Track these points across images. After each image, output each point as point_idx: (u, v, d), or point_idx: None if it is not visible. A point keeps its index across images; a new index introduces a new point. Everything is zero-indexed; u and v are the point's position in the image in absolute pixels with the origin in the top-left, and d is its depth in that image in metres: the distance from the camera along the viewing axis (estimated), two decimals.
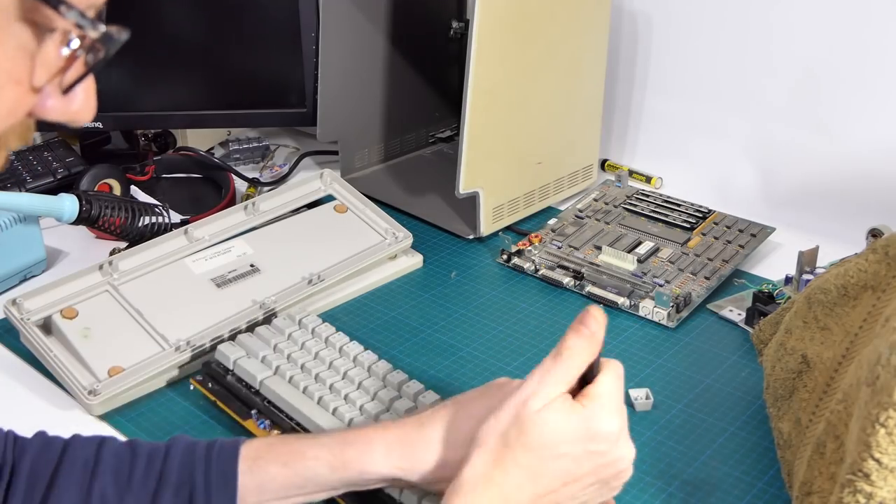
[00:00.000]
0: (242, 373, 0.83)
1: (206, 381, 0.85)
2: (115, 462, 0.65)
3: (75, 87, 0.45)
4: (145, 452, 0.66)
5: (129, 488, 0.64)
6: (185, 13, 1.23)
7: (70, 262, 1.10)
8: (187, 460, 0.65)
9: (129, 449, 0.66)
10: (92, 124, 1.23)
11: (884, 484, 0.56)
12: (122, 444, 0.67)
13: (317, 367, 0.82)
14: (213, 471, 0.64)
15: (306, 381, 0.81)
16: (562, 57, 1.12)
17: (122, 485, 0.64)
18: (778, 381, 0.74)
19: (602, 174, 1.28)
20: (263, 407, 0.80)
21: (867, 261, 0.68)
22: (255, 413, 0.80)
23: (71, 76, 0.44)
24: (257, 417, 0.80)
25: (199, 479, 0.64)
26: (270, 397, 0.81)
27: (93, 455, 0.65)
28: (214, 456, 0.65)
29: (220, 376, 0.84)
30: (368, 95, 1.26)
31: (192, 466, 0.65)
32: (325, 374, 0.81)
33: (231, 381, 0.84)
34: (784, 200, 1.15)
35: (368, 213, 1.07)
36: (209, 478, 0.64)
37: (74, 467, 0.64)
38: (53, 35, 0.42)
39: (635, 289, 0.98)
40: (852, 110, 1.09)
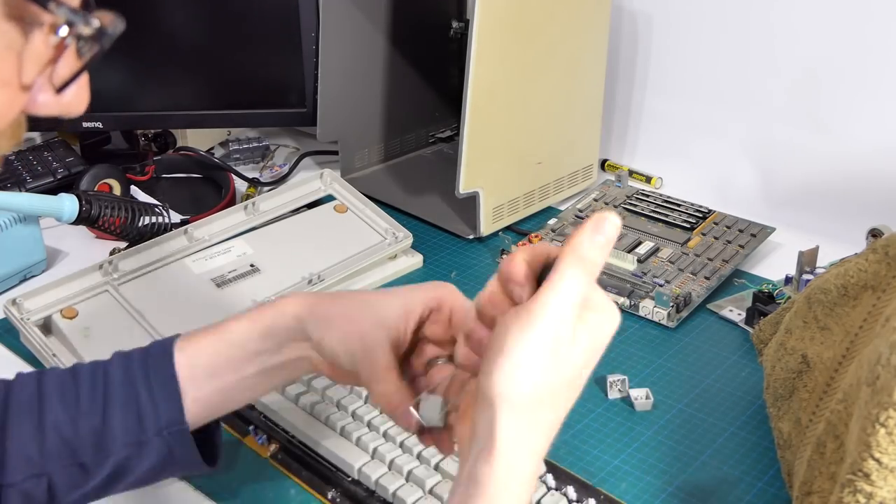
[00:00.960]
0: None
1: None
2: (60, 390, 0.65)
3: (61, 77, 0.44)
4: (87, 374, 0.66)
5: (79, 411, 0.64)
6: (185, 13, 1.23)
7: (70, 262, 1.09)
8: (127, 373, 0.65)
9: (71, 374, 0.66)
10: (92, 124, 1.23)
11: (884, 484, 0.56)
12: (64, 371, 0.67)
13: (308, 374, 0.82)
14: (153, 376, 0.65)
15: (298, 390, 0.80)
16: (562, 57, 1.12)
17: (71, 409, 0.64)
18: (778, 381, 0.74)
19: (602, 174, 1.28)
20: (260, 422, 0.80)
21: (867, 261, 0.68)
22: (253, 429, 0.80)
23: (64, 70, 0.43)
24: (255, 433, 0.80)
25: (143, 389, 0.64)
26: (265, 412, 0.80)
27: (36, 389, 0.65)
28: (151, 360, 0.65)
29: None
30: (368, 95, 1.26)
31: (132, 379, 0.65)
32: (316, 381, 0.81)
33: None
34: (784, 200, 1.15)
35: (368, 213, 1.07)
36: (150, 385, 0.64)
37: (21, 403, 0.64)
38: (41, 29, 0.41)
39: (635, 289, 0.98)
40: (852, 110, 1.09)
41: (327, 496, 0.72)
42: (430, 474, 0.71)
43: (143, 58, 1.22)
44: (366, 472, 0.72)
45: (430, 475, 0.71)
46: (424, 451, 0.73)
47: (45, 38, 0.42)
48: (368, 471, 0.72)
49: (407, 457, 0.73)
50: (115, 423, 0.64)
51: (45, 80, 0.43)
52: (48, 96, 0.44)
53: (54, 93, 0.44)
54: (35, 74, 0.43)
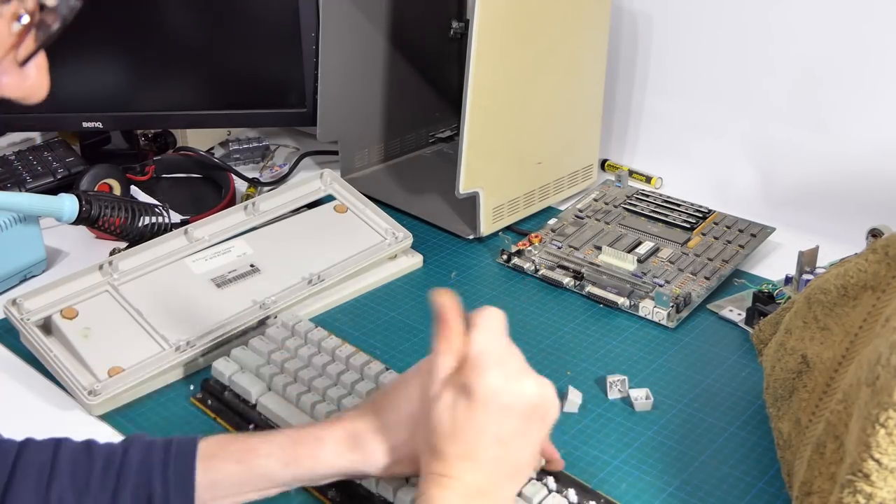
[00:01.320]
0: (238, 389, 0.83)
1: (206, 399, 0.85)
2: (71, 465, 0.65)
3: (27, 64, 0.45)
4: (102, 454, 0.66)
5: (88, 490, 0.64)
6: (185, 13, 1.23)
7: (70, 262, 1.10)
8: (145, 461, 0.65)
9: (86, 451, 0.66)
10: (92, 124, 1.23)
11: (884, 484, 0.56)
12: (79, 445, 0.67)
13: (309, 374, 0.82)
14: (171, 472, 0.64)
15: (298, 390, 0.81)
16: (562, 57, 1.12)
17: (80, 487, 0.64)
18: (778, 381, 0.74)
19: (602, 174, 1.28)
20: (261, 421, 0.80)
21: (867, 261, 0.68)
22: (253, 427, 0.80)
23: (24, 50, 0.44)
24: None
25: (157, 481, 0.64)
26: (266, 413, 0.81)
27: (49, 459, 0.65)
28: (172, 457, 0.65)
29: (219, 393, 0.85)
30: (368, 95, 1.26)
31: (149, 468, 0.65)
32: (317, 381, 0.81)
33: (229, 397, 0.84)
34: (784, 200, 1.15)
35: (368, 213, 1.07)
36: (167, 479, 0.64)
37: (30, 471, 0.64)
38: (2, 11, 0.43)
39: (635, 289, 0.98)
40: (852, 110, 1.09)
41: (327, 495, 0.72)
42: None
43: (143, 58, 1.22)
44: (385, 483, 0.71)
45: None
46: None
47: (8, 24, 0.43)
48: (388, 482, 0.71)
49: None
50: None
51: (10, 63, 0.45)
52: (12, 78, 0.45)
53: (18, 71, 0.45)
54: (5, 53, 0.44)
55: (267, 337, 0.88)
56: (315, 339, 0.86)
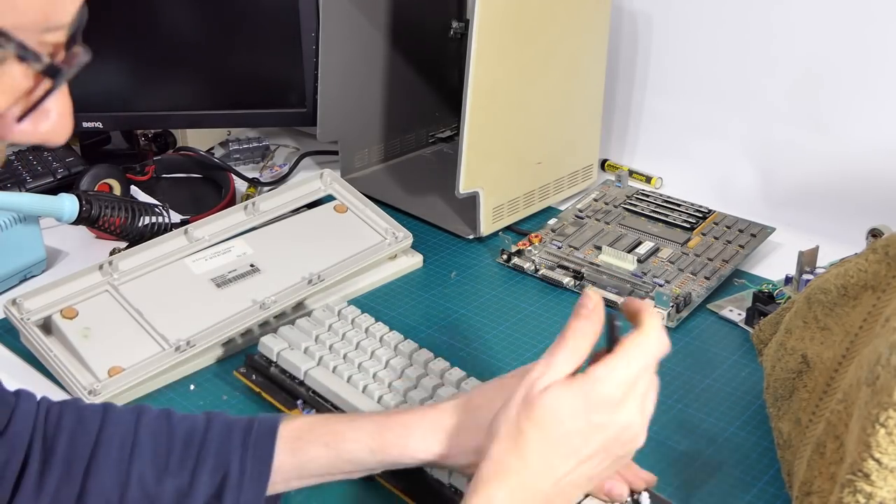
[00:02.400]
0: (286, 364, 0.84)
1: (250, 373, 0.86)
2: (152, 443, 0.66)
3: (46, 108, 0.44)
4: (183, 432, 0.67)
5: (168, 471, 0.65)
6: (185, 13, 1.23)
7: (70, 262, 1.10)
8: (225, 443, 0.66)
9: (167, 427, 0.67)
10: (92, 124, 1.23)
11: (884, 484, 0.56)
12: (160, 421, 0.68)
13: (359, 357, 0.84)
14: (250, 457, 0.66)
15: (350, 371, 0.82)
16: (562, 57, 1.12)
17: (160, 467, 0.65)
18: (778, 381, 0.74)
19: (602, 174, 1.28)
20: (309, 397, 0.82)
21: (867, 261, 0.68)
22: (301, 403, 0.81)
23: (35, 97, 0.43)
24: (303, 407, 0.81)
25: (235, 465, 0.65)
26: (315, 387, 0.82)
27: (131, 433, 0.66)
28: (252, 441, 0.66)
29: (264, 368, 0.86)
30: (368, 95, 1.26)
31: (229, 451, 0.66)
32: (367, 363, 0.83)
33: (275, 372, 0.85)
34: (784, 200, 1.15)
35: (368, 213, 1.07)
36: (244, 465, 0.65)
37: (112, 446, 0.65)
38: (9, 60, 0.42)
39: (635, 289, 0.98)
40: (852, 110, 1.09)
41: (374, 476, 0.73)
42: None
43: (143, 58, 1.22)
44: None
45: None
46: None
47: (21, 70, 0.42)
48: None
49: None
50: (199, 489, 0.65)
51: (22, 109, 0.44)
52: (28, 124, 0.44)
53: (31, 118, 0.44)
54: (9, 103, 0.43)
55: (314, 318, 0.90)
56: (362, 324, 0.88)
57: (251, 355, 0.88)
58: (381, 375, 0.81)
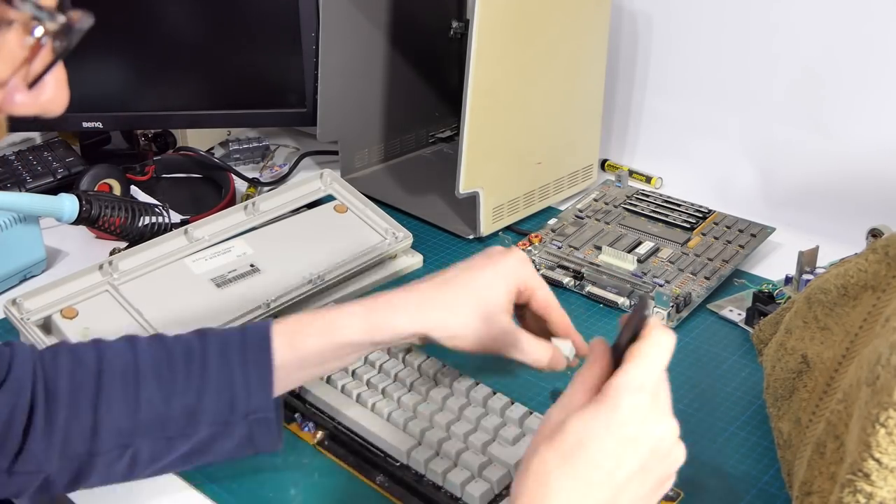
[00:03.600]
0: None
1: None
2: (155, 367, 0.67)
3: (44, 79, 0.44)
4: (180, 353, 0.68)
5: (174, 389, 0.67)
6: (186, 13, 1.23)
7: (70, 262, 1.10)
8: (224, 356, 0.68)
9: (164, 350, 0.69)
10: (92, 124, 1.23)
11: (884, 484, 0.56)
12: (154, 345, 0.69)
13: (353, 364, 0.83)
14: (251, 364, 0.68)
15: (343, 380, 0.82)
16: (562, 57, 1.12)
17: (165, 387, 0.67)
18: (778, 381, 0.74)
19: (602, 174, 1.28)
20: (306, 410, 0.81)
21: (867, 261, 0.68)
22: (299, 416, 0.81)
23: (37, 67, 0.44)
24: (301, 421, 0.80)
25: (238, 375, 0.67)
26: (311, 400, 0.81)
27: (132, 361, 0.67)
28: (249, 356, 0.68)
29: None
30: (368, 95, 1.26)
31: (229, 362, 0.68)
32: (360, 370, 0.83)
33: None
34: (784, 200, 1.15)
35: (368, 213, 1.07)
36: (248, 372, 0.68)
37: (115, 375, 0.67)
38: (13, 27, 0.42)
39: (635, 289, 0.98)
40: (852, 110, 1.09)
41: (376, 481, 0.73)
42: (478, 458, 0.71)
43: (143, 58, 1.22)
44: (415, 457, 0.73)
45: (478, 458, 0.71)
46: (472, 435, 0.74)
47: (20, 39, 0.42)
48: (418, 455, 0.72)
49: (455, 441, 0.73)
50: (208, 403, 0.67)
51: (21, 80, 0.44)
52: (25, 95, 0.44)
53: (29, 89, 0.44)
54: (10, 73, 0.43)
55: None
56: None
57: None
58: (374, 382, 0.81)
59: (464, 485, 0.70)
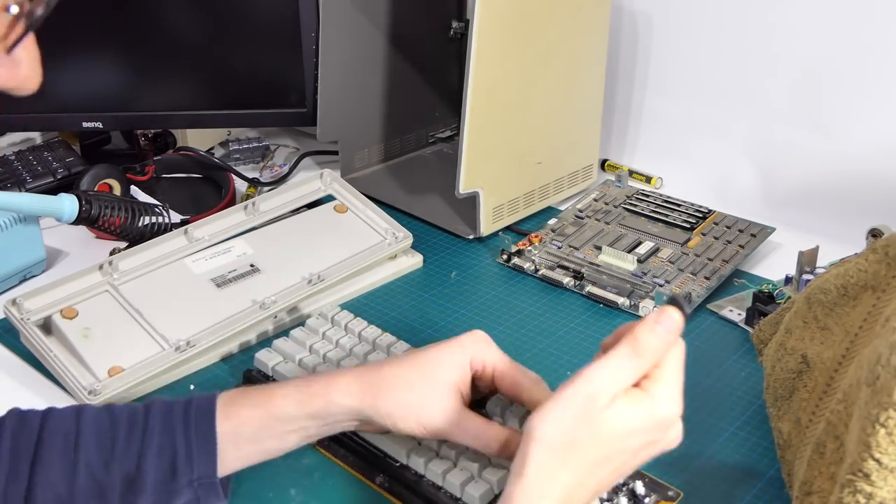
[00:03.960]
0: (281, 378, 0.84)
1: None
2: (96, 430, 0.66)
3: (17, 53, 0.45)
4: (125, 418, 0.67)
5: (114, 456, 0.65)
6: (186, 13, 1.23)
7: (70, 262, 1.10)
8: (167, 423, 0.66)
9: (108, 416, 0.67)
10: (92, 124, 1.23)
11: (884, 484, 0.56)
12: (100, 410, 0.68)
13: (352, 363, 0.83)
14: (193, 431, 0.66)
15: None
16: (562, 57, 1.12)
17: (105, 452, 0.65)
18: (778, 381, 0.74)
19: (602, 174, 1.28)
20: None
21: (867, 261, 0.68)
22: None
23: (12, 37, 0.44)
24: None
25: (181, 442, 0.65)
26: None
27: (73, 426, 0.66)
28: (193, 416, 0.66)
29: (261, 383, 0.85)
30: (368, 95, 1.26)
31: (172, 429, 0.66)
32: None
33: None
34: (784, 200, 1.15)
35: (368, 213, 1.07)
36: (189, 439, 0.65)
37: (56, 439, 0.65)
38: None
39: (635, 289, 0.98)
40: (852, 110, 1.09)
41: (375, 481, 0.73)
42: (478, 458, 0.71)
43: (143, 58, 1.22)
44: (415, 457, 0.72)
45: (478, 459, 0.71)
46: None
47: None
48: (418, 455, 0.72)
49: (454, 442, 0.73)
50: (148, 470, 0.65)
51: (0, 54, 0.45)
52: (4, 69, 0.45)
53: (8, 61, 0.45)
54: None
55: (308, 328, 0.89)
56: (355, 329, 0.88)
57: (249, 371, 0.87)
58: None
59: (464, 485, 0.69)
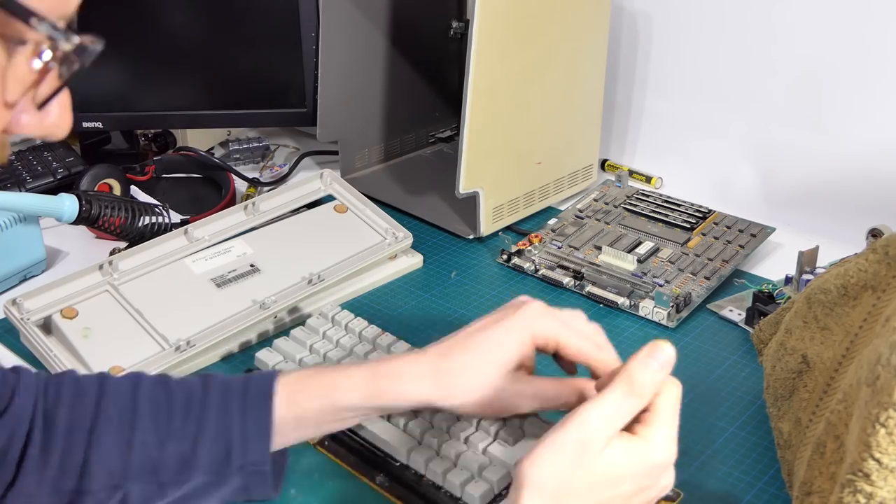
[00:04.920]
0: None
1: None
2: (153, 409, 0.66)
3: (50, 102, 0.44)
4: (181, 397, 0.67)
5: (170, 436, 0.65)
6: (186, 13, 1.23)
7: (70, 262, 1.10)
8: (224, 405, 0.66)
9: (165, 392, 0.67)
10: (92, 124, 1.23)
11: (884, 484, 0.56)
12: (157, 385, 0.68)
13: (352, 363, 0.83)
14: (251, 416, 0.66)
15: None
16: (562, 57, 1.12)
17: (161, 431, 0.65)
18: (778, 381, 0.75)
19: (602, 174, 1.28)
20: None
21: (867, 261, 0.68)
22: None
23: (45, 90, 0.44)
24: None
25: (237, 426, 0.65)
26: None
27: (130, 401, 0.66)
28: (251, 398, 0.66)
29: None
30: (368, 95, 1.26)
31: (228, 417, 0.66)
32: None
33: None
34: (784, 200, 1.15)
35: (368, 213, 1.07)
36: (246, 424, 0.66)
37: (111, 414, 0.65)
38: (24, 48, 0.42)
39: (635, 289, 0.98)
40: (852, 110, 1.09)
41: (375, 480, 0.73)
42: (478, 458, 0.71)
43: (143, 58, 1.22)
44: (415, 457, 0.72)
45: (478, 458, 0.71)
46: (472, 435, 0.73)
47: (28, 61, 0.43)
48: (418, 455, 0.72)
49: (455, 441, 0.73)
50: (203, 452, 0.65)
51: (29, 101, 0.44)
52: (31, 116, 0.45)
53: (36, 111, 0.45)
54: (19, 94, 0.43)
55: (308, 327, 0.89)
56: (355, 328, 0.88)
57: (249, 371, 0.87)
58: None
59: (464, 485, 0.70)
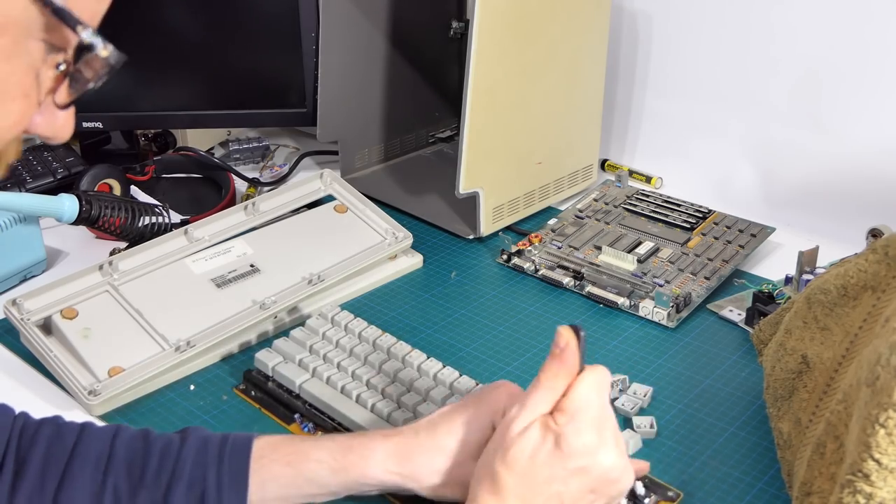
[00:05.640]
0: (282, 378, 0.84)
1: (249, 390, 0.86)
2: (128, 455, 0.66)
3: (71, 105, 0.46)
4: (159, 447, 0.67)
5: (143, 484, 0.65)
6: (186, 13, 1.23)
7: (70, 262, 1.10)
8: (200, 458, 0.66)
9: (143, 442, 0.67)
10: (92, 124, 1.23)
11: (884, 484, 0.56)
12: (136, 435, 0.68)
13: (352, 364, 0.84)
14: (226, 470, 0.65)
15: (343, 380, 0.82)
16: (562, 57, 1.12)
17: (135, 480, 0.65)
18: (778, 381, 0.75)
19: (602, 174, 1.28)
20: (305, 410, 0.81)
21: (867, 261, 0.68)
22: (299, 417, 0.81)
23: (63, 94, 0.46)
24: (301, 421, 0.81)
25: (212, 479, 0.65)
26: (311, 400, 0.82)
27: (107, 448, 0.66)
28: (227, 455, 0.66)
29: (262, 383, 0.85)
30: (368, 95, 1.26)
31: (204, 465, 0.65)
32: (360, 370, 0.83)
33: (272, 387, 0.85)
34: (784, 200, 1.15)
35: (368, 213, 1.07)
36: (221, 478, 0.65)
37: (87, 460, 0.65)
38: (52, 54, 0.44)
39: (635, 289, 0.98)
40: (852, 110, 1.09)
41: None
42: None
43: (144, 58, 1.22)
44: None
45: None
46: None
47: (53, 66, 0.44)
48: None
49: None
50: (175, 499, 0.64)
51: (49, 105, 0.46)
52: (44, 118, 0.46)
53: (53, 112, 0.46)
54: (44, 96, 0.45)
55: (308, 328, 0.89)
56: (355, 329, 0.88)
57: (249, 371, 0.87)
58: (374, 382, 0.81)
59: None
